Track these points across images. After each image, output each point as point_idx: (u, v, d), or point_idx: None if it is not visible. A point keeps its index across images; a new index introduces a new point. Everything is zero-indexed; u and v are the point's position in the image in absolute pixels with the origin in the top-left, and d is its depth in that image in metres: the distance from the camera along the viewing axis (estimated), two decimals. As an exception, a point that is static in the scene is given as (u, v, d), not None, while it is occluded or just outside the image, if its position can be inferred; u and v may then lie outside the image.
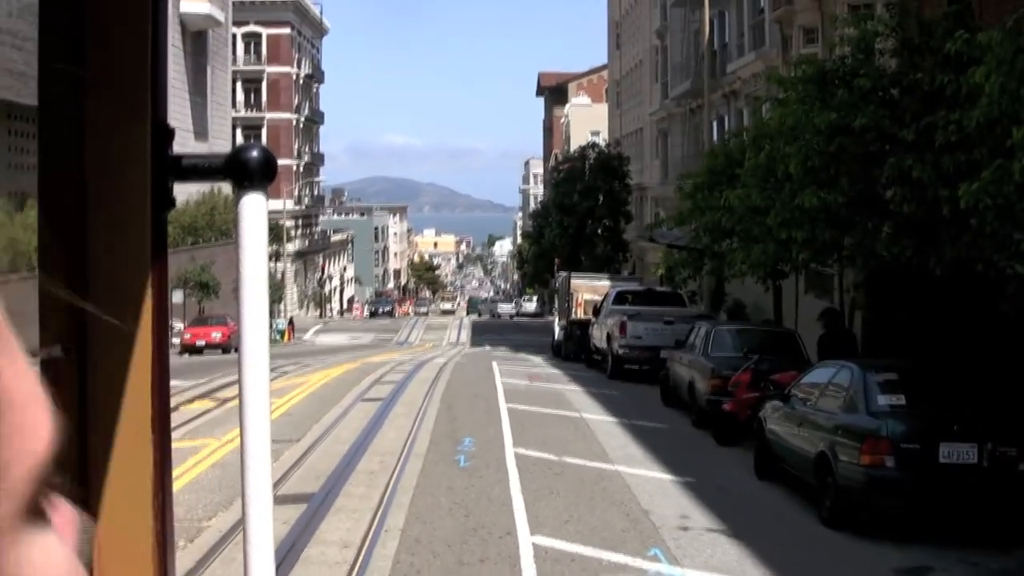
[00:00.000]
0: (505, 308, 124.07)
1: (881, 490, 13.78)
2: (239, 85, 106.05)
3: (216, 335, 55.45)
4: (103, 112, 1.75)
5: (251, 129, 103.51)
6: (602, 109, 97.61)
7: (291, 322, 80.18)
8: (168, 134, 1.79)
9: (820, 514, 14.78)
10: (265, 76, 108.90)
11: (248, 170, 1.71)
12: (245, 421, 1.72)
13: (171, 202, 1.82)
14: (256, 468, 1.71)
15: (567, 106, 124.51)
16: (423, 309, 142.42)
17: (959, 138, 16.07)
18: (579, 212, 69.33)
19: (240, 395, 1.72)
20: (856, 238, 20.17)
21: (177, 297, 62.16)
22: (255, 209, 1.71)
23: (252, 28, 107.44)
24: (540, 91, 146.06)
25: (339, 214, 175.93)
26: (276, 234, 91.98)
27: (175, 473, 15.42)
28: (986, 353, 18.68)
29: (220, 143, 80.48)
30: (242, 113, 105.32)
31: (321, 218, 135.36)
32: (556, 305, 54.29)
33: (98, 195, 1.77)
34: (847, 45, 20.92)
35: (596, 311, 39.79)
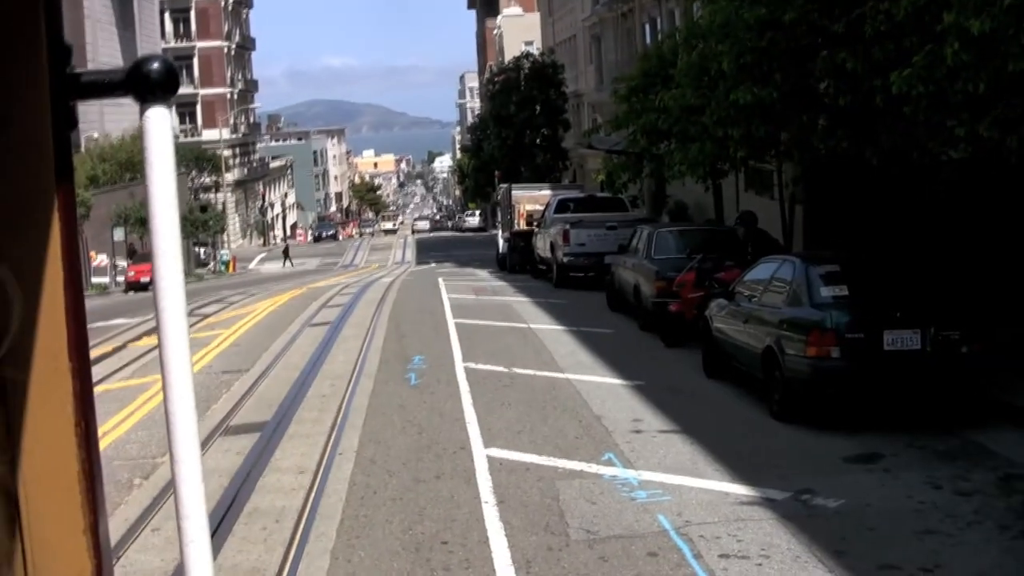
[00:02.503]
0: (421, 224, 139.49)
1: (828, 381, 13.93)
2: (167, 16, 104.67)
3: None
4: None
5: (182, 60, 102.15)
6: (534, 18, 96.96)
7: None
8: (66, 52, 1.74)
9: (770, 408, 14.93)
10: (193, 5, 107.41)
11: (150, 83, 1.67)
12: (165, 353, 1.69)
13: (73, 121, 1.77)
14: (179, 387, 1.69)
15: (499, 17, 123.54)
16: (368, 230, 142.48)
17: (889, 27, 16.06)
18: (517, 123, 69.14)
19: (157, 320, 1.69)
20: (792, 133, 20.24)
21: (118, 235, 61.66)
22: (159, 123, 1.68)
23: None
24: (471, 3, 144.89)
25: (276, 140, 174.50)
26: (214, 164, 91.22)
27: (128, 411, 15.40)
28: (924, 239, 18.86)
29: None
30: (172, 44, 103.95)
31: (259, 145, 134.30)
32: (499, 218, 54.20)
33: None
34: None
35: (539, 221, 39.80)
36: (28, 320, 1.74)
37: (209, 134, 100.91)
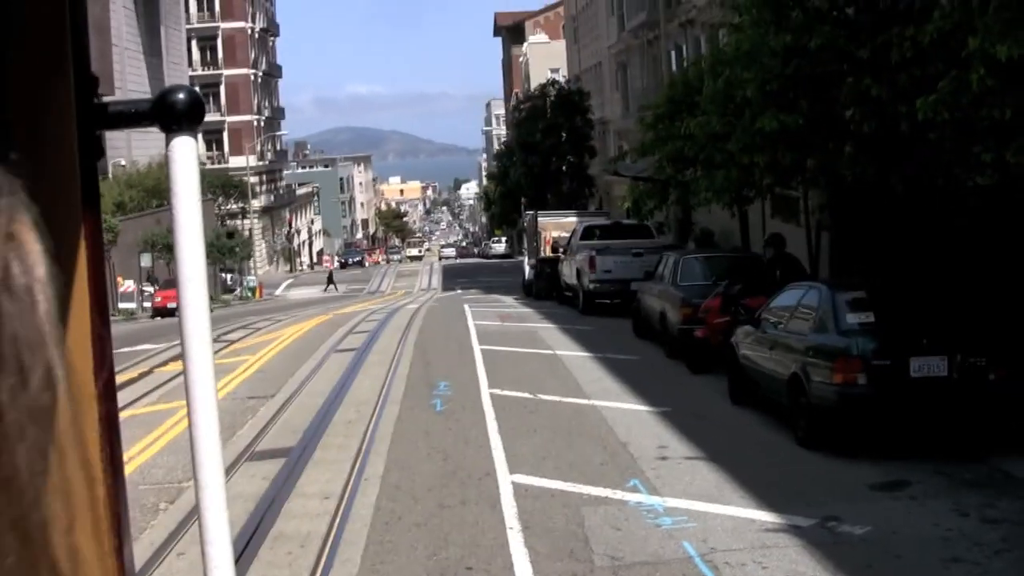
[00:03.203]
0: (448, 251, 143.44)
1: (854, 407, 13.88)
2: (194, 43, 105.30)
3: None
4: (25, 63, 1.72)
5: (209, 87, 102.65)
6: (560, 46, 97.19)
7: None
8: (92, 81, 1.77)
9: (795, 435, 14.88)
10: (220, 32, 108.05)
11: (175, 113, 1.68)
12: (190, 379, 1.70)
13: (100, 150, 1.79)
14: (204, 413, 1.70)
15: (525, 45, 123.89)
16: (396, 256, 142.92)
17: (914, 54, 16.07)
18: (543, 150, 69.21)
19: (182, 345, 1.70)
20: (817, 160, 20.20)
21: (145, 261, 61.92)
22: (185, 153, 1.69)
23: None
24: (497, 31, 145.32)
25: (303, 167, 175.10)
26: (241, 191, 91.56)
27: (154, 436, 15.43)
28: (950, 265, 18.78)
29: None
30: (199, 71, 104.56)
31: (286, 172, 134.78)
32: (525, 245, 54.24)
33: (25, 149, 1.74)
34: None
35: (565, 248, 39.83)
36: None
37: (236, 161, 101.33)
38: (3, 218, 0.59)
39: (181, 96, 1.70)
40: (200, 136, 1.72)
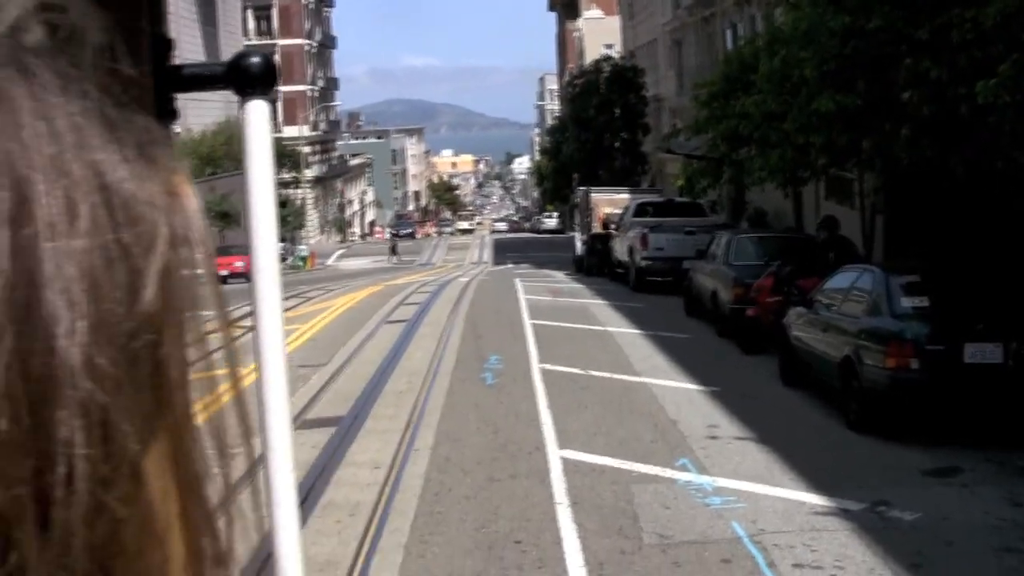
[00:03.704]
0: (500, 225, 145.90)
1: (906, 393, 13.81)
2: (250, 13, 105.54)
3: (239, 264, 55.49)
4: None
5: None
6: (615, 22, 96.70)
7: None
8: (167, 44, 1.78)
9: (847, 419, 14.83)
10: (275, 2, 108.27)
11: (249, 76, 1.70)
12: (261, 337, 1.72)
13: (174, 112, 1.82)
14: (274, 371, 1.73)
15: (579, 20, 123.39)
16: (448, 229, 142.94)
17: (975, 36, 15.92)
18: (596, 126, 68.96)
19: (254, 308, 1.71)
20: (874, 141, 20.05)
21: (199, 228, 62.28)
22: (259, 116, 1.71)
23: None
24: (552, 5, 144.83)
25: (356, 138, 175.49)
26: (295, 160, 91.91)
27: (204, 403, 15.67)
28: (1007, 251, 18.62)
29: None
30: (254, 41, 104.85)
31: (338, 143, 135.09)
32: (577, 220, 54.19)
33: None
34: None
35: (617, 224, 39.76)
36: None
37: (289, 131, 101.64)
38: (166, 173, 0.61)
39: (255, 60, 1.71)
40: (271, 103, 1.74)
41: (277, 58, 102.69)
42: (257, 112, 1.71)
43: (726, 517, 10.71)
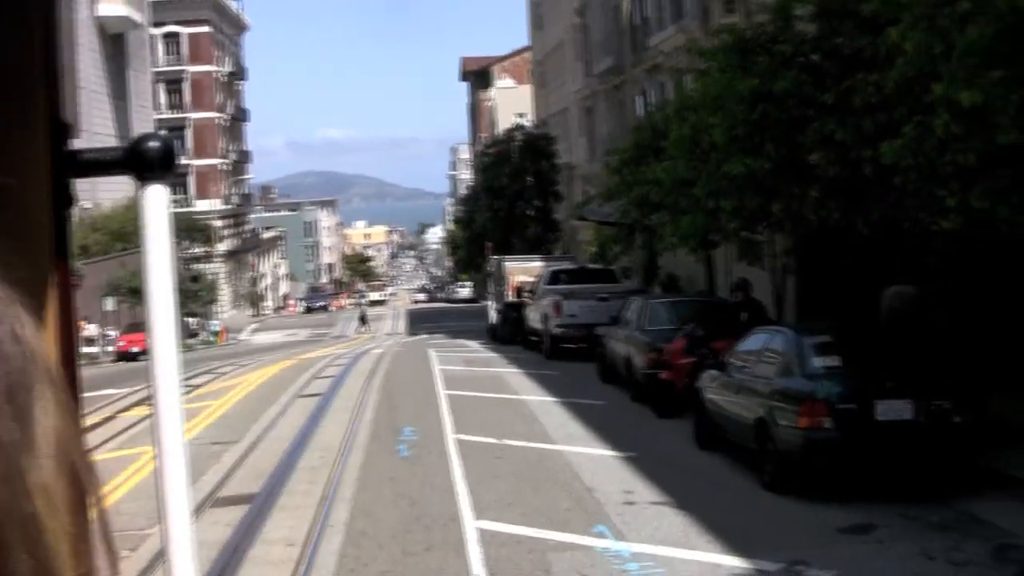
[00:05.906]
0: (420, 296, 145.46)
1: (821, 452, 13.86)
2: (161, 87, 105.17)
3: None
4: None
5: (176, 130, 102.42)
6: (526, 91, 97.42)
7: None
8: (65, 129, 1.73)
9: (762, 479, 14.85)
10: (187, 76, 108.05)
11: (148, 161, 1.69)
12: (159, 422, 1.69)
13: (71, 199, 1.77)
14: (172, 457, 1.69)
15: (491, 89, 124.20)
16: (362, 301, 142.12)
17: (879, 99, 16.19)
18: (509, 195, 69.24)
19: (152, 390, 1.69)
20: (783, 204, 20.26)
21: (109, 305, 61.54)
22: (158, 200, 1.69)
23: (171, 28, 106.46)
24: (464, 76, 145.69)
25: (269, 211, 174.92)
26: (207, 235, 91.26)
27: (116, 482, 15.25)
28: (917, 309, 18.81)
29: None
30: (165, 115, 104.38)
31: (251, 216, 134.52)
32: (490, 289, 54.25)
33: None
34: (766, 13, 20.98)
35: (531, 292, 39.80)
36: None
37: (202, 204, 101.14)
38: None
39: (154, 144, 1.70)
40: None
41: (189, 132, 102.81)
42: (156, 196, 1.70)
43: (644, 583, 10.61)
